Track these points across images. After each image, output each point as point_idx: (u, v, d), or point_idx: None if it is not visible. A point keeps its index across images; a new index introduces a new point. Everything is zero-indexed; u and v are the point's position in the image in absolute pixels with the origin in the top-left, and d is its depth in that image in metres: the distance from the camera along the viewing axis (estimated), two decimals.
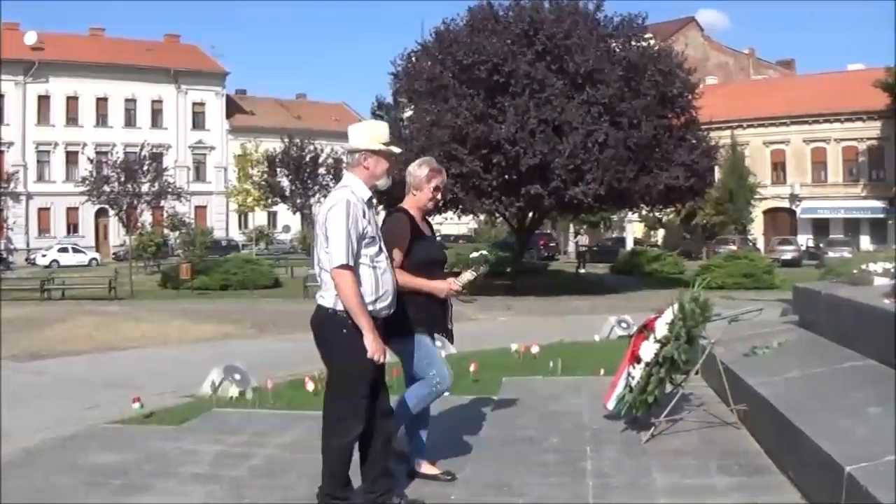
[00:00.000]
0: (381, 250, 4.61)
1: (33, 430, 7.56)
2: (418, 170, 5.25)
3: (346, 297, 4.37)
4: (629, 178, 27.08)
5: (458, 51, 28.03)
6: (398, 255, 5.01)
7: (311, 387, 8.61)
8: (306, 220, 53.99)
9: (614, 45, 29.25)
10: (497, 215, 35.09)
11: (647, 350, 5.61)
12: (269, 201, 51.81)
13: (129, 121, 68.16)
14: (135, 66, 67.08)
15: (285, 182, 46.81)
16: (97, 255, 58.42)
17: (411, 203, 5.26)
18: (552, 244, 59.80)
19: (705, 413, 6.10)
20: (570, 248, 58.62)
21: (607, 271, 41.61)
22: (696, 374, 6.11)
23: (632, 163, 27.22)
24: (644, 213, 40.91)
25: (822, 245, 50.87)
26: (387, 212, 5.54)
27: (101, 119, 67.30)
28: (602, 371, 8.50)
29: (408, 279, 5.00)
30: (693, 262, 45.03)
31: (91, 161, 49.15)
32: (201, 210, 69.72)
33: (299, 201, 46.71)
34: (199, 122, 72.03)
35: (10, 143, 62.84)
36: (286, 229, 66.25)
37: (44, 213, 64.93)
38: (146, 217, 47.65)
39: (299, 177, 45.62)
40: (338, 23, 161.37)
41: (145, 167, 39.10)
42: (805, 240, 57.24)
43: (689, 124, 30.38)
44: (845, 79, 58.80)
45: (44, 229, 64.29)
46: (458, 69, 27.98)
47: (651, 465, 5.13)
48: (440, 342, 5.87)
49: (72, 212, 64.08)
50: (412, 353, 5.09)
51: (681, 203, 37.48)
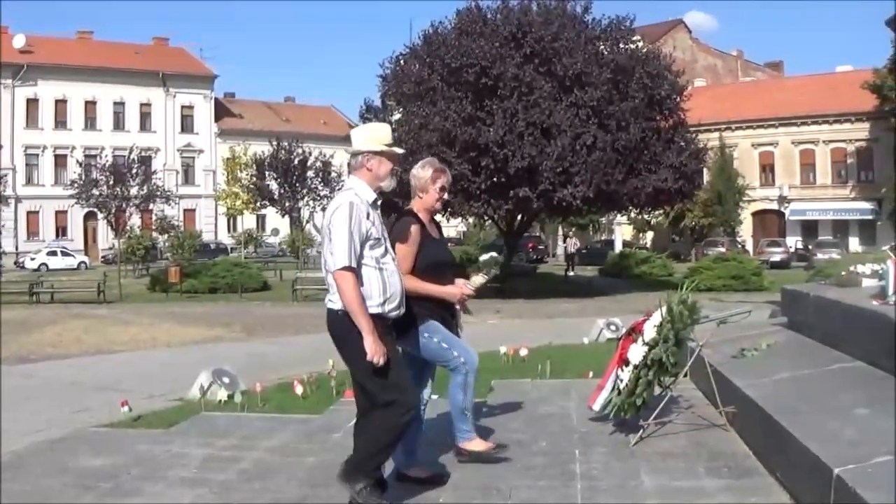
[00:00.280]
0: (386, 252, 4.60)
1: (22, 433, 7.53)
2: (422, 171, 5.20)
3: (347, 298, 4.37)
4: (617, 180, 27.12)
5: (447, 53, 28.02)
6: (409, 259, 4.98)
7: (299, 390, 8.63)
8: (295, 223, 53.88)
9: (602, 47, 29.21)
10: (486, 218, 35.08)
11: (636, 352, 5.61)
12: (258, 204, 51.63)
13: (118, 124, 67.89)
14: (123, 69, 66.79)
15: (274, 185, 46.62)
16: (86, 259, 58.07)
17: (419, 206, 5.22)
18: (541, 247, 59.80)
19: (694, 415, 6.12)
20: (559, 250, 58.66)
21: (596, 274, 41.64)
22: (685, 376, 6.13)
23: (620, 165, 27.28)
24: (633, 215, 40.88)
25: (810, 247, 50.99)
26: (395, 216, 5.48)
27: (90, 122, 67.03)
28: (591, 374, 8.53)
29: (419, 285, 4.96)
30: (682, 264, 45.23)
31: (80, 164, 48.86)
32: (190, 213, 69.61)
33: (288, 204, 46.50)
34: (187, 125, 71.84)
35: None
36: (275, 232, 66.30)
37: (32, 216, 64.71)
38: (135, 220, 47.36)
39: (288, 180, 45.41)
40: (326, 25, 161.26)
41: (134, 170, 38.92)
42: (794, 241, 57.27)
43: (677, 126, 30.38)
44: (834, 80, 59.00)
45: (32, 233, 64.07)
46: (447, 72, 27.97)
47: (640, 468, 5.15)
48: None
49: (60, 215, 63.79)
50: (427, 347, 5.04)
51: (669, 205, 37.66)
